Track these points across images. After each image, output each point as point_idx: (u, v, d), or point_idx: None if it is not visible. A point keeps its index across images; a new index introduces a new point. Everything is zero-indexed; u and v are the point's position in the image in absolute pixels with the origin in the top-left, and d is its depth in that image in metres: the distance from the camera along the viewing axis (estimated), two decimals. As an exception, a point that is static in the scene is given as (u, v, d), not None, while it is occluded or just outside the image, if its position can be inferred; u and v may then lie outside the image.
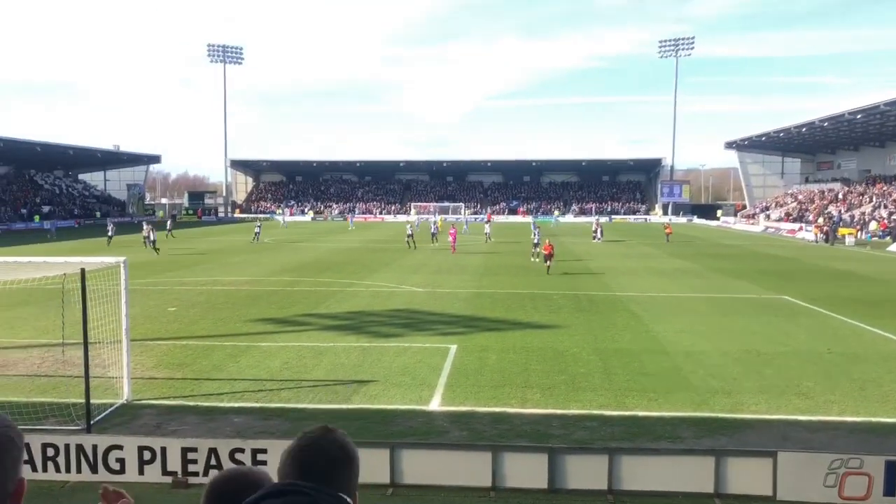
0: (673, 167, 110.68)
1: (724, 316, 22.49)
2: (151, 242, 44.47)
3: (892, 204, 65.75)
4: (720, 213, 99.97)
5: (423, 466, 9.78)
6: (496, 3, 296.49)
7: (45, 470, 9.84)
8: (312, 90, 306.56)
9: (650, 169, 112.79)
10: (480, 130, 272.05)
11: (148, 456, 9.89)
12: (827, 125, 69.82)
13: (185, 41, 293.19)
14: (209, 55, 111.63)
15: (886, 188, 70.71)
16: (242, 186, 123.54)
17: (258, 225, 58.10)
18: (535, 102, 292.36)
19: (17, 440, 1.68)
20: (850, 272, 35.65)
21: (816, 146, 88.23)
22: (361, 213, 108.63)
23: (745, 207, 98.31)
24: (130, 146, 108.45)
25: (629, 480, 9.55)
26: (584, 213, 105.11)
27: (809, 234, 63.16)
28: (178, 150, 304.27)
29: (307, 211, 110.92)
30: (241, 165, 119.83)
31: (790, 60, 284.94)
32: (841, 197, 75.95)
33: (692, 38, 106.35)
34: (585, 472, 9.65)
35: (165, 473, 9.86)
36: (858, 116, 63.11)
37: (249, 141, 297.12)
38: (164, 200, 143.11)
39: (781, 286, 29.43)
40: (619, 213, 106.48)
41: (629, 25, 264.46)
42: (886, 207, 65.65)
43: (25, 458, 1.78)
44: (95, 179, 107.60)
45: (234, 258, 41.60)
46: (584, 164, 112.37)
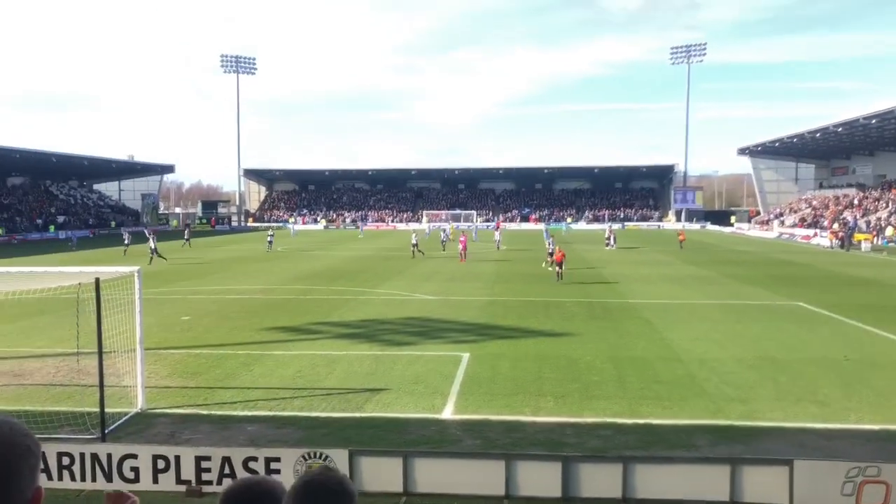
0: (686, 173, 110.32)
1: (738, 323, 22.34)
2: (153, 250, 44.63)
3: (908, 209, 65.18)
4: (734, 219, 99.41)
5: (436, 475, 9.75)
6: (508, 11, 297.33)
7: (60, 479, 9.89)
8: (325, 99, 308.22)
9: (663, 175, 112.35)
10: (492, 138, 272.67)
11: (162, 465, 9.92)
12: (841, 130, 69.29)
13: (198, 52, 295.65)
14: (222, 65, 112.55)
15: (902, 193, 70.12)
16: (255, 195, 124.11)
17: (271, 234, 58.33)
18: (547, 110, 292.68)
19: (34, 449, 1.70)
20: (865, 278, 35.33)
21: (831, 151, 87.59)
22: (374, 221, 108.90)
23: (758, 213, 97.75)
24: (145, 156, 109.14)
25: (643, 489, 9.49)
26: (597, 220, 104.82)
27: (824, 239, 62.68)
28: (191, 159, 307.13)
29: (319, 219, 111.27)
30: (254, 174, 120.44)
31: (803, 66, 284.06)
32: (856, 202, 75.35)
33: (704, 44, 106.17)
34: (599, 480, 9.59)
35: (179, 482, 9.88)
36: (873, 121, 62.61)
37: (262, 150, 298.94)
38: (177, 210, 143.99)
39: (796, 292, 29.21)
40: (632, 219, 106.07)
41: (640, 33, 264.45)
42: (902, 213, 65.09)
43: (41, 466, 1.80)
44: (110, 189, 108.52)
45: (247, 267, 41.76)
46: (596, 170, 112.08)
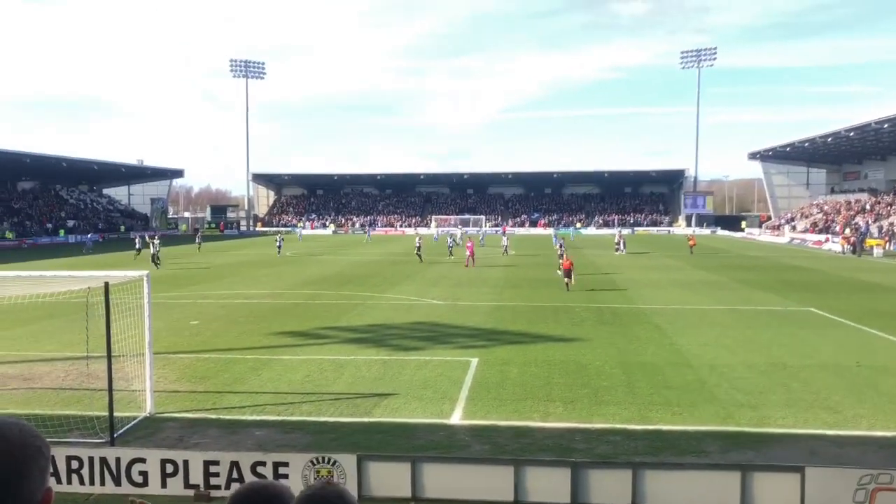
0: (696, 178, 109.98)
1: (749, 328, 22.21)
2: (153, 256, 44.90)
3: (920, 214, 64.75)
4: (745, 224, 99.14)
5: (444, 480, 9.72)
6: (516, 15, 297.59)
7: (69, 482, 9.91)
8: (333, 104, 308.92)
9: (673, 180, 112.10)
10: (501, 143, 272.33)
11: (170, 469, 9.92)
12: (853, 135, 68.99)
13: (207, 57, 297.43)
14: (231, 70, 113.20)
15: (914, 198, 69.69)
16: (264, 200, 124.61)
17: (279, 238, 58.44)
18: (556, 114, 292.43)
19: (44, 450, 1.70)
20: (878, 284, 35.10)
21: (842, 156, 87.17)
22: (383, 226, 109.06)
23: (769, 218, 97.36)
24: (154, 161, 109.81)
25: (653, 495, 9.42)
26: (606, 224, 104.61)
27: (836, 245, 62.37)
28: (200, 164, 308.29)
29: (328, 224, 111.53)
30: (262, 179, 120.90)
31: (815, 70, 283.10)
32: (868, 207, 74.92)
33: (714, 48, 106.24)
34: (609, 486, 9.53)
35: (188, 486, 9.88)
36: (885, 126, 62.33)
37: (271, 155, 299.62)
38: (186, 214, 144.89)
39: (808, 298, 29.04)
40: (641, 224, 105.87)
41: (650, 37, 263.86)
42: (914, 218, 64.68)
43: (51, 469, 1.80)
44: (120, 194, 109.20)
45: (255, 271, 41.86)
46: (606, 175, 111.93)
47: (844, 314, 24.76)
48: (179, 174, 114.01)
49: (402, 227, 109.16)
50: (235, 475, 9.74)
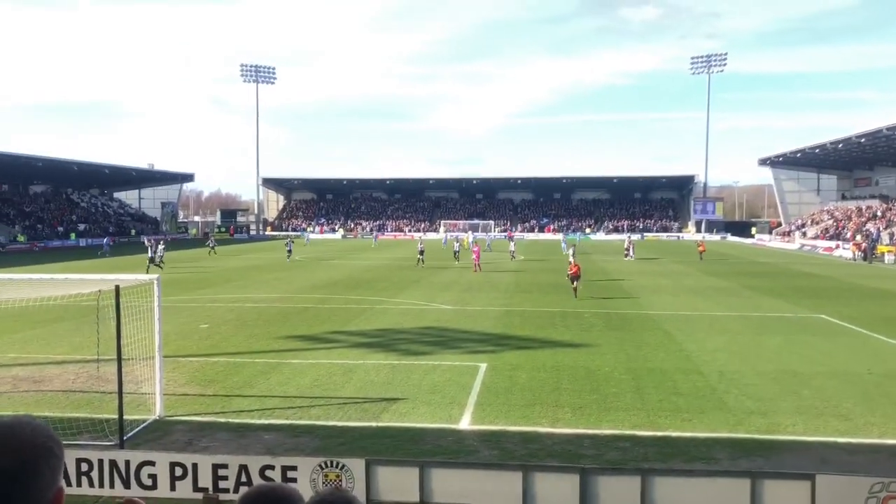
0: (706, 184, 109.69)
1: (759, 335, 22.10)
2: (150, 259, 45.11)
3: (932, 221, 64.30)
4: (755, 230, 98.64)
5: (452, 485, 9.70)
6: (526, 20, 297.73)
7: (79, 485, 9.94)
8: (344, 108, 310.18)
9: (683, 186, 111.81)
10: (511, 148, 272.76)
11: (179, 472, 9.94)
12: (864, 141, 68.61)
13: (218, 61, 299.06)
14: (242, 75, 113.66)
15: (926, 205, 69.23)
16: (274, 204, 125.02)
17: (289, 242, 58.45)
18: (565, 119, 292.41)
19: (55, 450, 1.72)
20: (889, 291, 34.87)
21: (853, 162, 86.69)
22: (392, 230, 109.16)
23: (780, 224, 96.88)
24: (164, 165, 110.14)
25: (662, 502, 9.37)
26: (616, 230, 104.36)
27: (847, 251, 62.00)
28: (210, 168, 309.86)
29: (337, 229, 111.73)
30: (272, 183, 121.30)
31: (826, 76, 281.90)
32: (879, 214, 74.46)
33: (725, 54, 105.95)
34: (617, 493, 9.49)
35: (197, 490, 9.90)
36: (897, 132, 61.96)
37: (281, 159, 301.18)
38: (196, 218, 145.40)
39: (818, 305, 28.88)
40: (651, 230, 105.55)
41: (661, 42, 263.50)
42: (926, 224, 64.24)
43: (63, 470, 1.81)
44: (130, 198, 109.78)
45: (265, 275, 41.97)
46: (615, 180, 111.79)
47: (855, 321, 24.61)
48: (190, 178, 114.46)
49: (411, 231, 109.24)
50: (244, 479, 9.75)
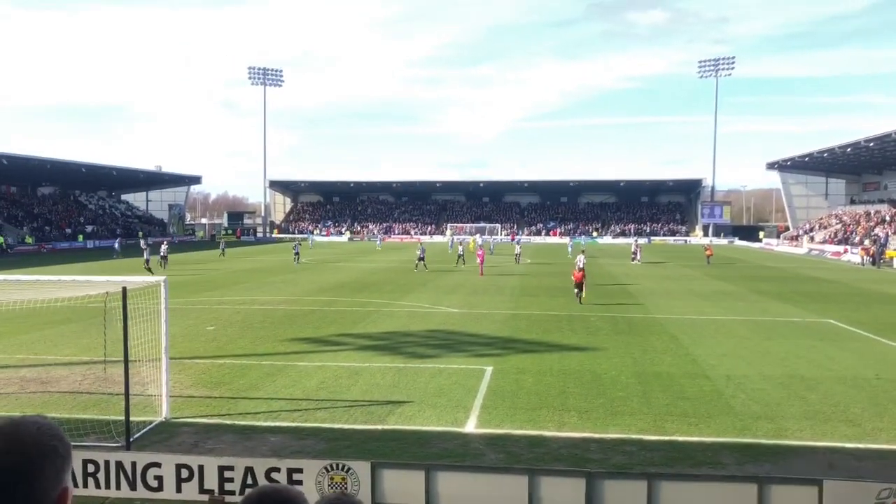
0: (714, 188, 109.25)
1: (766, 339, 22.02)
2: (146, 262, 45.24)
3: (941, 226, 63.95)
4: (762, 234, 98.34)
5: (458, 489, 9.68)
6: (534, 24, 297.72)
7: (85, 486, 9.97)
8: (350, 111, 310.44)
9: (690, 190, 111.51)
10: (517, 151, 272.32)
11: (185, 474, 9.96)
12: (873, 145, 68.34)
13: (226, 64, 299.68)
14: (250, 78, 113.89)
15: (935, 209, 68.86)
16: (281, 207, 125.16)
17: (296, 245, 58.42)
18: (572, 123, 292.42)
19: (60, 449, 1.72)
20: (897, 295, 34.68)
21: (862, 166, 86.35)
22: (399, 233, 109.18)
23: (787, 229, 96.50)
24: (172, 167, 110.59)
25: (669, 507, 9.33)
26: (623, 234, 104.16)
27: (855, 256, 61.74)
28: (217, 170, 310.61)
29: (344, 231, 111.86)
30: (279, 186, 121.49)
31: (834, 80, 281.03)
32: (888, 219, 74.13)
33: (732, 58, 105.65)
34: (624, 497, 9.45)
35: (202, 492, 9.91)
36: (905, 136, 61.72)
37: (288, 162, 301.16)
38: (203, 220, 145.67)
39: (826, 309, 28.75)
40: (658, 234, 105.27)
41: (668, 46, 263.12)
42: (935, 229, 63.88)
43: (69, 470, 1.81)
44: (138, 200, 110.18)
45: (271, 278, 42.04)
46: (622, 184, 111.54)
47: (863, 326, 24.49)
48: (197, 180, 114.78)
49: (417, 234, 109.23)
50: (250, 481, 9.77)
